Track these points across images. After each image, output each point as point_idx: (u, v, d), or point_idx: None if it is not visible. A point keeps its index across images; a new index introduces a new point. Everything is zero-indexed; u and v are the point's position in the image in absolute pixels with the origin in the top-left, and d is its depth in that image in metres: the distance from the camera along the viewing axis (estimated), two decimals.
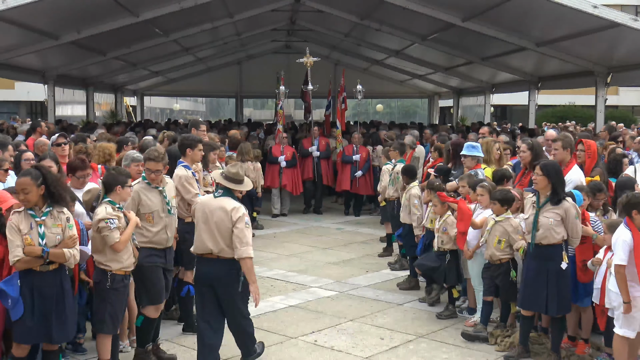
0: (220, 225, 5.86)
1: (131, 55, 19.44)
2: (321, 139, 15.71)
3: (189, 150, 7.44)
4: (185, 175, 7.15)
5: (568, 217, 6.25)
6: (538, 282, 6.33)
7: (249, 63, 27.90)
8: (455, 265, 7.86)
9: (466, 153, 8.39)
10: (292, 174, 14.81)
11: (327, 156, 15.64)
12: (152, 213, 6.24)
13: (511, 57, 17.13)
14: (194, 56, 23.50)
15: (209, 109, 53.84)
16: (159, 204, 6.31)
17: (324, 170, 15.51)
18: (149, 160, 6.35)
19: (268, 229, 13.47)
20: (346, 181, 14.97)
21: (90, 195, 6.30)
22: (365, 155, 14.90)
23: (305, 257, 11.11)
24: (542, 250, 6.32)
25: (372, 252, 11.42)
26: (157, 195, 6.33)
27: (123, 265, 5.83)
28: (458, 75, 22.72)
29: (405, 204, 9.26)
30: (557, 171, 6.35)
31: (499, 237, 6.99)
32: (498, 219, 7.02)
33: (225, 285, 5.91)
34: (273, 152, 14.88)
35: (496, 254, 7.01)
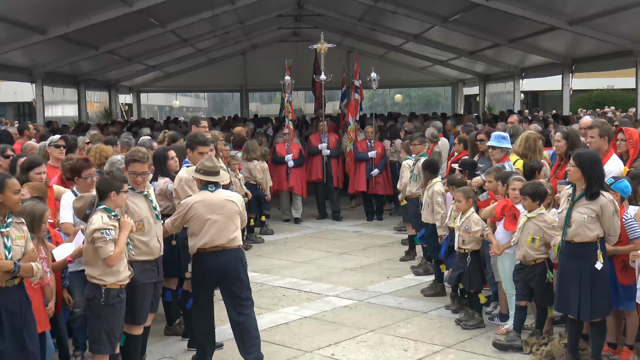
0: (234, 216, 6.58)
1: (125, 49, 19.56)
2: (330, 135, 15.35)
3: (189, 152, 7.49)
4: (187, 178, 7.15)
5: (604, 214, 6.18)
6: (570, 283, 6.30)
7: (254, 53, 27.98)
8: (478, 268, 7.84)
9: (494, 144, 8.36)
10: (300, 174, 14.61)
11: (338, 154, 15.28)
12: (142, 220, 6.25)
13: (541, 37, 17.07)
14: (193, 48, 23.60)
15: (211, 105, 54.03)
16: (147, 210, 6.33)
17: (334, 170, 15.10)
18: (133, 162, 6.37)
19: (279, 234, 13.51)
20: (362, 181, 14.54)
21: (83, 202, 6.25)
22: (381, 151, 14.55)
23: (320, 264, 11.12)
24: (575, 248, 6.29)
25: (394, 256, 11.41)
26: (143, 201, 6.35)
27: (119, 279, 5.84)
28: (484, 60, 22.68)
29: (428, 201, 9.24)
30: (592, 161, 6.28)
31: (532, 235, 6.95)
32: (530, 215, 6.99)
33: (236, 276, 6.58)
34: (278, 151, 14.54)
35: (530, 253, 6.98)
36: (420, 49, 23.45)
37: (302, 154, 14.72)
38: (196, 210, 6.50)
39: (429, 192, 9.20)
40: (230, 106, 43.33)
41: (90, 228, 5.75)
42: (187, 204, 6.58)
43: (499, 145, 8.34)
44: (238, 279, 6.60)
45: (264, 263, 11.21)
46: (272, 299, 9.16)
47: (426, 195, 9.29)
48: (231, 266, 6.56)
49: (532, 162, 8.12)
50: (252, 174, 12.70)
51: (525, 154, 8.39)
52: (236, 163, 12.13)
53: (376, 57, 25.73)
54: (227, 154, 11.96)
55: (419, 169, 10.21)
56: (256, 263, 11.15)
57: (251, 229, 12.83)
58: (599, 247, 6.25)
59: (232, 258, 6.57)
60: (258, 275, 10.41)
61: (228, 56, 27.72)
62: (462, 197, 7.91)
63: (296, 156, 14.46)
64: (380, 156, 14.52)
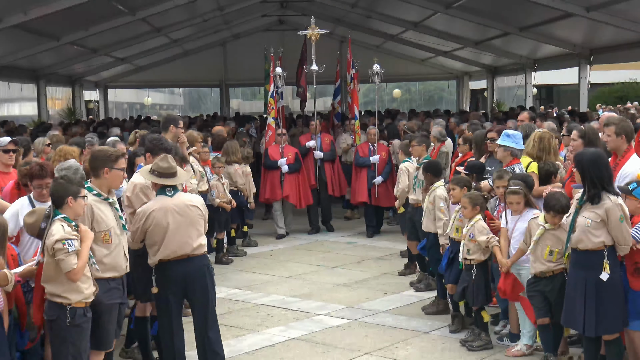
0: (197, 221, 6.72)
1: (90, 40, 19.54)
2: (324, 135, 15.02)
3: (148, 156, 7.46)
4: (142, 184, 7.05)
5: (610, 219, 6.24)
6: (575, 294, 6.37)
7: (235, 44, 28.00)
8: (483, 282, 7.85)
9: (501, 143, 8.39)
10: (297, 181, 14.10)
11: (332, 158, 14.85)
12: (108, 231, 6.22)
13: (556, 25, 17.16)
14: (167, 38, 23.60)
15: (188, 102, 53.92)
16: (113, 219, 6.32)
17: (328, 176, 14.71)
18: (122, 156, 6.39)
19: (263, 246, 13.50)
20: (362, 191, 14.03)
21: (36, 216, 6.08)
22: (385, 155, 14.07)
23: (309, 279, 11.12)
24: (580, 256, 6.36)
25: (391, 270, 11.43)
26: (109, 209, 6.34)
27: (84, 296, 5.82)
28: (492, 51, 22.75)
29: (429, 208, 9.26)
30: (593, 161, 6.35)
31: (550, 247, 6.97)
32: (548, 226, 7.01)
33: (204, 285, 6.74)
34: (270, 155, 14.14)
35: (549, 266, 6.99)
36: (420, 38, 23.54)
37: (299, 158, 14.25)
38: (154, 218, 6.51)
39: (430, 197, 9.22)
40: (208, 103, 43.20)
41: (50, 239, 5.70)
42: (144, 212, 6.61)
43: (505, 143, 8.35)
44: (204, 289, 6.72)
45: (247, 278, 11.21)
46: (255, 319, 9.16)
47: (427, 200, 9.30)
48: (198, 275, 6.68)
49: (547, 166, 8.16)
50: (233, 178, 12.68)
51: (540, 156, 8.41)
52: (221, 166, 12.16)
53: (372, 47, 25.79)
54: (207, 156, 11.97)
55: (421, 174, 10.22)
56: (238, 278, 11.15)
57: (232, 241, 12.83)
58: (606, 256, 6.28)
59: (198, 266, 6.69)
60: (240, 292, 10.40)
61: (206, 47, 27.71)
62: (468, 204, 7.92)
63: (291, 160, 14.02)
64: (384, 161, 14.04)
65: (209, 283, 6.77)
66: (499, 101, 25.48)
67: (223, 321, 8.95)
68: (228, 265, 12.04)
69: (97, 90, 29.59)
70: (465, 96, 29.60)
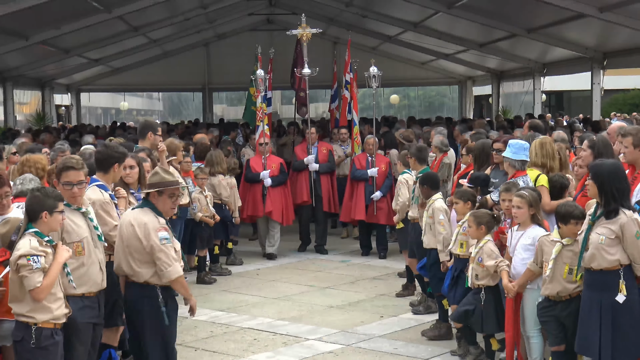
0: (131, 242, 6.57)
1: (62, 39, 19.52)
2: (321, 145, 14.80)
3: (116, 167, 7.31)
4: (101, 200, 7.00)
5: (625, 236, 6.25)
6: (590, 318, 6.36)
7: (220, 45, 28.02)
8: (493, 307, 7.82)
9: (508, 155, 8.40)
10: (281, 195, 13.83)
11: (330, 170, 14.66)
12: (81, 241, 6.22)
13: (567, 27, 17.22)
14: (146, 37, 23.60)
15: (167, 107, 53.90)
16: (86, 229, 6.32)
17: (324, 190, 14.45)
18: (66, 169, 6.30)
19: (249, 265, 13.48)
20: (359, 207, 13.74)
21: (9, 226, 6.19)
22: (385, 167, 13.82)
23: (299, 300, 11.11)
24: (594, 276, 6.35)
25: (388, 291, 11.43)
26: (82, 219, 6.34)
27: (53, 316, 5.80)
28: (497, 54, 22.83)
29: (429, 222, 9.25)
30: (613, 173, 6.37)
31: (569, 265, 6.94)
32: (566, 242, 6.99)
33: (135, 316, 6.70)
34: (252, 166, 13.85)
35: (567, 287, 6.94)
36: (420, 40, 23.58)
37: (284, 169, 14.00)
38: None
39: (429, 211, 9.22)
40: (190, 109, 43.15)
41: (15, 254, 5.73)
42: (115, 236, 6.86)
43: (513, 157, 8.36)
44: (134, 322, 6.85)
45: (231, 300, 11.19)
46: (240, 343, 9.14)
47: (426, 215, 9.29)
48: (127, 303, 6.84)
49: (560, 179, 8.16)
50: (217, 191, 12.67)
51: (545, 164, 8.45)
52: (204, 177, 12.16)
53: (368, 49, 25.85)
54: (188, 166, 11.96)
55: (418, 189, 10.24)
56: (222, 299, 11.13)
57: (216, 258, 12.81)
58: (622, 276, 6.28)
59: (129, 293, 6.79)
60: (224, 314, 10.38)
61: (188, 48, 27.71)
62: (472, 222, 7.90)
63: (275, 172, 13.74)
64: (384, 175, 13.79)
65: (144, 320, 6.72)
66: (504, 108, 25.55)
67: (205, 346, 8.96)
68: (211, 285, 12.02)
69: (69, 94, 29.56)
70: (468, 103, 29.66)
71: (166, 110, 53.42)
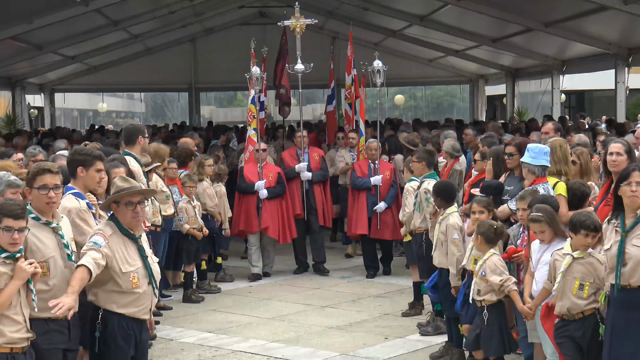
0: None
1: (34, 34, 19.53)
2: (312, 150, 14.45)
3: (80, 170, 7.26)
4: (77, 208, 6.97)
5: None
6: (626, 342, 6.34)
7: (208, 40, 28.08)
8: (497, 328, 7.81)
9: (527, 160, 8.41)
10: (278, 209, 13.46)
11: (324, 178, 14.30)
12: (47, 261, 6.12)
13: (588, 20, 17.27)
14: (126, 32, 23.63)
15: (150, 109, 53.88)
16: (54, 247, 6.23)
17: (318, 201, 14.06)
18: (42, 172, 6.23)
19: (240, 282, 13.47)
20: (361, 221, 13.40)
21: None
22: (389, 175, 13.51)
23: (295, 321, 11.11)
24: (632, 294, 6.34)
25: (394, 310, 11.43)
26: (50, 235, 6.25)
27: (7, 340, 5.73)
28: (512, 50, 22.87)
29: (441, 239, 9.23)
30: None
31: (579, 280, 6.97)
32: (577, 254, 7.03)
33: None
34: (246, 175, 13.53)
35: (578, 304, 6.98)
36: (428, 34, 23.63)
37: (282, 179, 13.61)
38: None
39: (442, 226, 9.20)
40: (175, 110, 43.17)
41: None
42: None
43: (533, 162, 8.38)
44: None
45: (221, 320, 11.20)
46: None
47: (438, 230, 9.28)
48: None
49: (582, 187, 8.16)
50: (201, 200, 12.62)
51: (559, 170, 8.48)
52: (192, 186, 12.13)
53: (370, 45, 25.88)
54: (174, 174, 11.96)
55: (421, 195, 10.24)
56: (210, 320, 11.13)
57: (203, 275, 12.81)
58: None
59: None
60: (213, 336, 10.38)
61: (173, 44, 27.77)
62: (474, 233, 7.95)
63: (272, 183, 13.41)
64: (388, 183, 13.46)
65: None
66: (520, 109, 25.58)
67: None
68: (198, 303, 12.01)
69: (42, 94, 29.58)
70: (480, 103, 29.72)
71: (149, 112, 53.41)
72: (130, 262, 6.45)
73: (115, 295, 6.42)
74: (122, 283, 6.40)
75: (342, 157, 15.49)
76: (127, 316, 6.46)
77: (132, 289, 6.43)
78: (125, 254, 6.45)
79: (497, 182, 9.22)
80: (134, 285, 6.43)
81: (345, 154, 15.48)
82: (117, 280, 6.38)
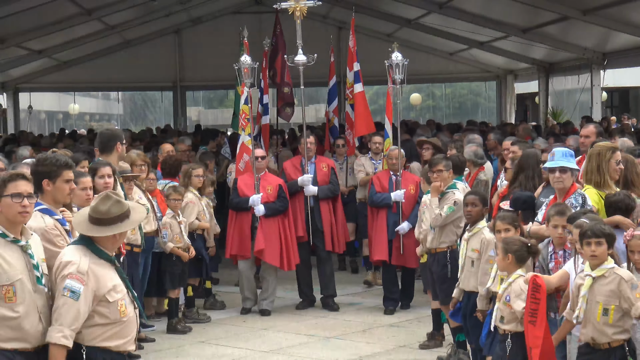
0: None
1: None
2: (320, 160, 13.87)
3: (47, 184, 7.14)
4: (42, 229, 6.86)
5: None
6: None
7: (194, 32, 28.16)
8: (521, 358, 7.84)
9: (551, 165, 8.42)
10: (278, 229, 12.88)
11: (333, 194, 13.59)
12: (12, 285, 6.06)
13: (633, 6, 17.30)
14: (101, 23, 23.68)
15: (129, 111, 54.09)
16: (22, 268, 6.17)
17: (326, 221, 13.40)
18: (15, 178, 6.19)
19: (233, 309, 13.46)
20: (380, 243, 12.81)
21: None
22: (414, 190, 12.74)
23: (296, 354, 11.09)
24: None
25: (410, 342, 11.41)
26: (18, 255, 6.19)
27: None
28: (545, 41, 22.90)
29: (472, 257, 9.18)
30: None
31: (603, 304, 6.96)
32: (596, 273, 7.02)
33: None
34: (240, 188, 13.01)
35: (605, 332, 6.97)
36: (448, 24, 23.69)
37: (283, 193, 13.01)
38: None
39: (474, 243, 9.16)
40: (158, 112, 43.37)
41: None
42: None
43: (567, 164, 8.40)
44: None
45: (211, 354, 11.20)
46: None
47: (465, 246, 9.25)
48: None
49: (625, 198, 8.16)
50: (185, 215, 12.48)
51: (597, 181, 8.49)
52: (178, 199, 12.09)
53: (382, 36, 25.96)
54: (153, 185, 11.98)
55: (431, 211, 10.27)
56: (198, 354, 11.13)
57: (191, 302, 12.80)
58: None
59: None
60: None
61: (155, 36, 27.86)
62: (500, 250, 7.93)
63: (271, 197, 12.88)
64: (413, 199, 12.73)
65: None
66: (555, 109, 25.62)
67: None
68: (185, 334, 11.99)
69: (3, 94, 29.61)
70: (509, 103, 29.73)
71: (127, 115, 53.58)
72: (115, 288, 6.28)
73: (100, 329, 6.24)
74: (110, 314, 6.23)
75: (362, 166, 14.78)
76: (113, 351, 6.31)
77: (121, 318, 6.28)
78: (108, 280, 6.26)
79: (528, 194, 9.21)
80: (123, 315, 6.28)
81: (365, 162, 14.79)
82: (102, 312, 6.21)
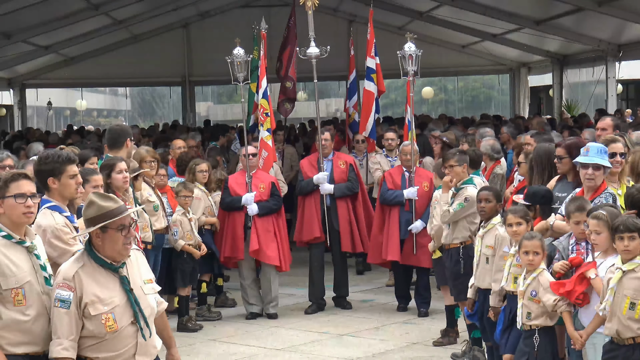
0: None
1: (2, 20, 19.61)
2: (338, 157, 13.53)
3: (52, 181, 7.11)
4: (52, 227, 6.88)
5: None
6: None
7: (203, 26, 28.16)
8: (550, 355, 7.81)
9: (585, 161, 8.39)
10: (271, 229, 12.65)
11: (350, 192, 13.18)
12: (21, 288, 5.99)
13: None
14: (109, 18, 23.71)
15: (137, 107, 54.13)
16: (29, 270, 6.10)
17: (343, 221, 13.06)
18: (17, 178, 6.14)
19: (244, 307, 13.44)
20: (392, 244, 12.59)
21: None
22: (428, 187, 12.44)
23: (309, 352, 11.10)
24: None
25: (423, 339, 11.41)
26: (24, 256, 6.14)
27: None
28: (559, 33, 22.86)
29: (487, 254, 9.16)
30: None
31: (630, 298, 6.95)
32: (627, 267, 7.02)
33: None
34: (231, 187, 12.76)
35: (630, 326, 6.96)
36: (461, 16, 23.66)
37: (277, 191, 12.89)
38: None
39: (488, 239, 9.16)
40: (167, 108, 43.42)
41: None
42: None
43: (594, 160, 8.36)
44: None
45: (222, 352, 11.22)
46: None
47: (480, 243, 9.24)
48: None
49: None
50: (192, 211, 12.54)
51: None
52: (188, 195, 12.07)
53: (393, 29, 25.94)
54: (164, 181, 11.99)
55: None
56: (210, 352, 11.15)
57: (202, 299, 12.81)
58: None
59: None
60: None
61: (163, 30, 27.86)
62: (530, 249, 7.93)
63: (264, 196, 12.64)
64: (427, 197, 12.27)
65: None
66: (569, 102, 25.57)
67: None
68: (196, 332, 12.01)
69: (10, 90, 29.66)
70: (522, 96, 29.69)
71: (135, 110, 53.64)
72: (104, 300, 5.97)
73: (88, 340, 6.03)
74: (93, 327, 5.95)
75: (378, 164, 14.46)
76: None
77: (107, 333, 5.96)
78: (98, 291, 5.98)
79: (545, 188, 9.17)
80: (109, 329, 5.95)
81: (381, 160, 14.54)
82: (85, 323, 5.97)
